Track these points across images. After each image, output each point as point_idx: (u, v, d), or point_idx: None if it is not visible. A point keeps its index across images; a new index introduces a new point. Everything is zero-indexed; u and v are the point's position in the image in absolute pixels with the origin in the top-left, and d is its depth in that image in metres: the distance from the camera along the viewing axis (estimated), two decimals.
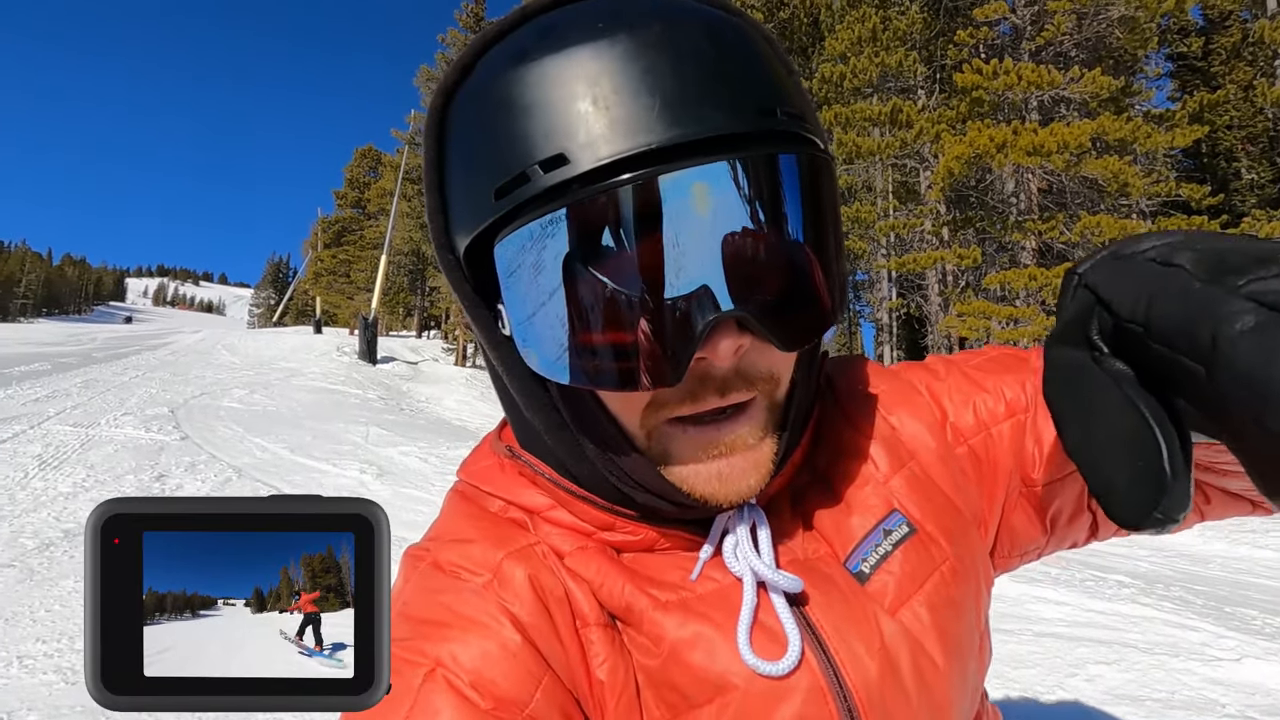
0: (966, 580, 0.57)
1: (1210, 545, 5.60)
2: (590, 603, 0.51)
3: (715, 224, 0.42)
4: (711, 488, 0.49)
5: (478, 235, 0.47)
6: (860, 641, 0.51)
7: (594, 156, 0.42)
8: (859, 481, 0.58)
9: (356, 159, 38.91)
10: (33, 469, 6.19)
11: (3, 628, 3.36)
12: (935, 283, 13.76)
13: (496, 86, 0.45)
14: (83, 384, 11.41)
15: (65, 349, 17.63)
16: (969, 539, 0.59)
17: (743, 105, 0.43)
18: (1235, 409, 0.29)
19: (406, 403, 13.79)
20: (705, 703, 0.49)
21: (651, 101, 0.42)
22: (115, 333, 28.11)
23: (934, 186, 12.46)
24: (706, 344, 0.44)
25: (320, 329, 29.78)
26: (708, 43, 0.44)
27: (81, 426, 8.01)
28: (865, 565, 0.54)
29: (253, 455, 7.42)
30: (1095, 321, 0.36)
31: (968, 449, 0.62)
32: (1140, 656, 3.13)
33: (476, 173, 0.46)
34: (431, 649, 0.47)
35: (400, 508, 5.78)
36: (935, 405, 0.63)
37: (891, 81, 14.41)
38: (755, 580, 0.51)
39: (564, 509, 0.55)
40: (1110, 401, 0.34)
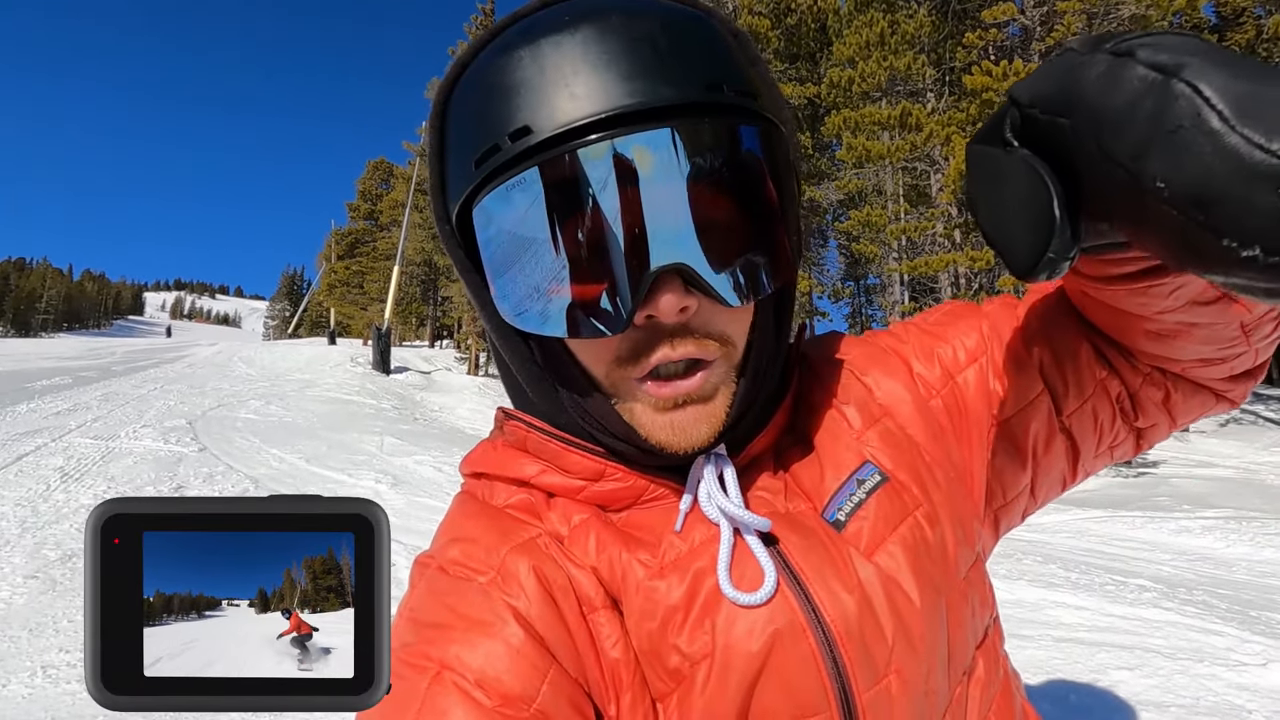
0: (943, 524, 0.59)
1: (1234, 549, 5.51)
2: (595, 587, 0.54)
3: (656, 185, 0.46)
4: (666, 435, 0.53)
5: (463, 203, 0.52)
6: (837, 581, 0.54)
7: (552, 125, 0.47)
8: (834, 438, 0.62)
9: (369, 171, 39.33)
10: (55, 481, 6.28)
11: (27, 638, 3.41)
12: (948, 286, 13.66)
13: (481, 76, 0.52)
14: (102, 397, 11.57)
15: (85, 363, 17.90)
16: (947, 486, 0.61)
17: (690, 80, 0.48)
18: (1085, 143, 0.35)
19: (420, 412, 13.87)
20: (704, 657, 0.51)
21: (606, 78, 0.47)
22: (133, 346, 28.49)
23: (945, 189, 12.40)
24: (650, 299, 0.48)
25: (334, 340, 30.01)
26: (661, 30, 0.49)
27: (102, 439, 8.12)
28: (841, 514, 0.58)
29: (269, 466, 7.49)
30: (1007, 120, 0.42)
31: (940, 401, 0.65)
32: (1164, 662, 3.08)
33: (463, 149, 0.52)
34: (436, 652, 0.49)
35: (416, 517, 5.81)
36: (903, 363, 0.67)
37: (900, 85, 14.37)
38: (729, 521, 0.54)
39: (554, 469, 0.58)
40: (1014, 174, 0.40)
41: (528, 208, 0.48)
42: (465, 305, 23.13)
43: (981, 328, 0.68)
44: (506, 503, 0.60)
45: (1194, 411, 0.63)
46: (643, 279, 0.47)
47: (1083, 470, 0.67)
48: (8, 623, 3.58)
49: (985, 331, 0.67)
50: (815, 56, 18.48)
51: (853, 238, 14.33)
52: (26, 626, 3.53)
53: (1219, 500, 8.03)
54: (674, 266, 0.47)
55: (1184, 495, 8.45)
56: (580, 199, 0.47)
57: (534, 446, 0.59)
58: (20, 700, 2.85)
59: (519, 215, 0.48)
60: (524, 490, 0.60)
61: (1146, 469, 11.02)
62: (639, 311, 0.48)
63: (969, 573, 0.60)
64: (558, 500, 0.59)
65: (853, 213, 13.58)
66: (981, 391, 0.65)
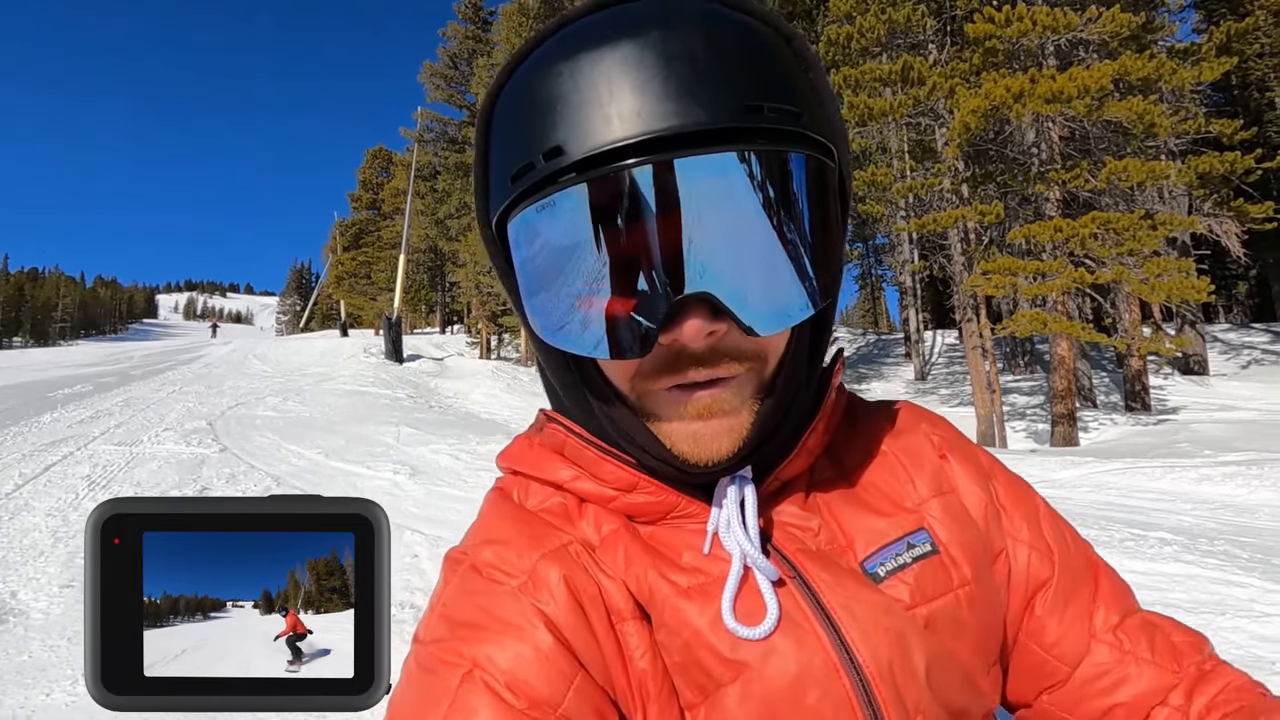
0: (982, 609, 0.58)
1: (1257, 494, 5.45)
2: (624, 597, 0.54)
3: (683, 212, 0.46)
4: (688, 446, 0.52)
5: (501, 214, 0.53)
6: (870, 622, 0.53)
7: (582, 148, 0.46)
8: (893, 494, 0.61)
9: (368, 160, 39.17)
10: (83, 490, 6.41)
11: (66, 647, 3.50)
12: (958, 242, 13.44)
13: (523, 88, 0.51)
14: (123, 403, 11.75)
15: (104, 369, 18.15)
16: (994, 580, 0.61)
17: (727, 102, 0.46)
18: None
19: (435, 399, 13.98)
20: (731, 681, 0.52)
21: (640, 99, 0.46)
22: (149, 349, 28.84)
23: (951, 143, 12.13)
24: (673, 325, 0.48)
25: (346, 331, 30.20)
26: (703, 45, 0.47)
27: (125, 445, 8.26)
28: (881, 569, 0.57)
29: (289, 463, 7.60)
30: None
31: (1001, 532, 0.64)
32: (1185, 616, 3.07)
33: (502, 161, 0.52)
34: (469, 650, 0.50)
35: (436, 507, 5.89)
36: (991, 481, 0.66)
37: (900, 38, 13.99)
38: (743, 557, 0.54)
39: (588, 475, 0.58)
40: None
41: (555, 229, 0.48)
42: (473, 290, 23.15)
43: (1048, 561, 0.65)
44: (541, 505, 0.60)
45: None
46: (667, 306, 0.47)
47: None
48: (47, 632, 3.68)
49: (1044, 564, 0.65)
50: (812, 14, 18.03)
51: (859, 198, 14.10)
52: (65, 635, 3.63)
53: (1241, 444, 7.95)
54: (698, 295, 0.47)
55: (1205, 440, 8.37)
56: (607, 223, 0.47)
57: (571, 452, 0.59)
58: (63, 709, 2.94)
59: (546, 236, 0.49)
60: (559, 494, 0.60)
61: (1166, 415, 10.91)
62: (663, 335, 0.48)
63: (991, 670, 0.59)
64: (589, 507, 0.59)
65: (857, 173, 13.33)
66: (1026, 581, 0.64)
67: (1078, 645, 0.62)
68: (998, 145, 12.78)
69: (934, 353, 20.78)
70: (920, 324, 19.89)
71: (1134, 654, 0.61)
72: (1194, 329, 14.62)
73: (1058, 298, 11.36)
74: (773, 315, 0.49)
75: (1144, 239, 10.19)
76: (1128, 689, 0.60)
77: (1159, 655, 0.61)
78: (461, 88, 29.16)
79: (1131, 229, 10.27)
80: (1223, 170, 11.04)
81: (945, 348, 20.70)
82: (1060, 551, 0.64)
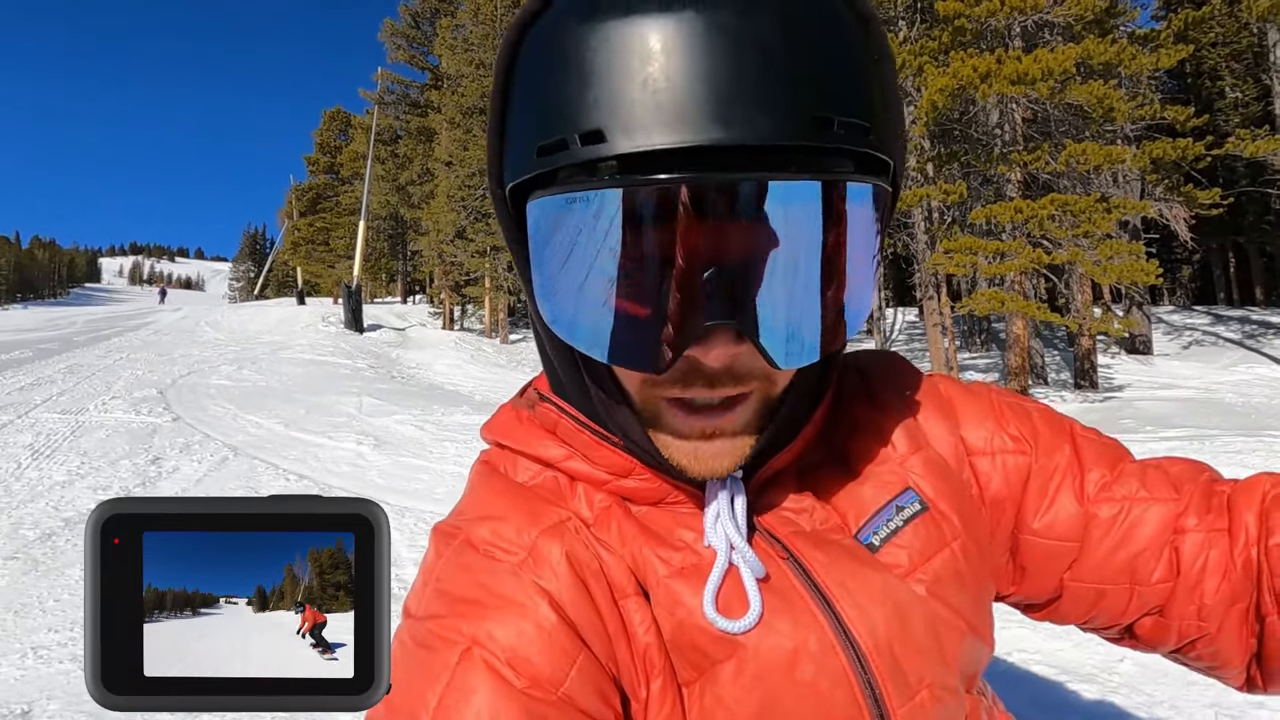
0: (976, 560, 0.59)
1: None
2: (625, 573, 0.54)
3: (728, 234, 0.43)
4: (688, 461, 0.51)
5: (520, 184, 0.49)
6: (866, 597, 0.53)
7: (629, 142, 0.41)
8: (876, 459, 0.60)
9: (325, 122, 37.73)
10: (25, 459, 6.16)
11: (13, 620, 3.39)
12: (922, 220, 13.65)
13: (561, 38, 0.45)
14: (67, 369, 11.27)
15: (45, 334, 17.36)
16: (981, 523, 0.61)
17: (796, 112, 0.42)
18: None
19: (397, 370, 13.75)
20: (725, 659, 0.51)
21: (700, 95, 0.41)
22: (93, 315, 27.66)
23: (918, 122, 12.23)
24: (699, 345, 0.45)
25: (303, 300, 29.44)
26: (780, 33, 0.42)
27: (70, 413, 7.95)
28: (875, 538, 0.57)
29: (247, 433, 7.41)
30: None
31: (970, 467, 0.64)
32: None
33: (526, 125, 0.47)
34: (468, 627, 0.49)
35: (401, 478, 5.82)
36: (953, 413, 0.66)
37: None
38: (729, 550, 0.54)
39: (581, 457, 0.57)
40: None
41: (586, 227, 0.44)
42: (436, 259, 22.67)
43: (1055, 446, 0.64)
44: (531, 481, 0.59)
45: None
46: (695, 329, 0.44)
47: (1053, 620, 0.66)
48: None
49: (1058, 450, 0.64)
50: None
51: None
52: (11, 608, 3.50)
53: (1180, 420, 8.34)
54: (732, 324, 0.45)
55: (1147, 417, 8.76)
56: (641, 231, 0.43)
57: (564, 433, 0.58)
58: (13, 682, 2.85)
59: (574, 231, 0.44)
60: (548, 470, 0.59)
61: (1112, 393, 11.37)
62: (687, 353, 0.46)
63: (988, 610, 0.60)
64: (579, 484, 0.58)
65: None
66: (1012, 482, 0.63)
67: (1075, 518, 0.61)
68: (963, 125, 12.96)
69: (894, 330, 21.21)
70: (881, 301, 20.26)
71: (1132, 498, 0.61)
72: (1141, 310, 15.20)
73: (1015, 278, 11.66)
74: (800, 351, 0.47)
75: (1099, 221, 10.49)
76: (1140, 534, 0.60)
77: (1154, 490, 0.61)
78: (424, 49, 28.10)
79: (1088, 211, 10.56)
80: (1175, 156, 11.38)
81: (905, 325, 21.16)
82: (1030, 438, 0.64)
